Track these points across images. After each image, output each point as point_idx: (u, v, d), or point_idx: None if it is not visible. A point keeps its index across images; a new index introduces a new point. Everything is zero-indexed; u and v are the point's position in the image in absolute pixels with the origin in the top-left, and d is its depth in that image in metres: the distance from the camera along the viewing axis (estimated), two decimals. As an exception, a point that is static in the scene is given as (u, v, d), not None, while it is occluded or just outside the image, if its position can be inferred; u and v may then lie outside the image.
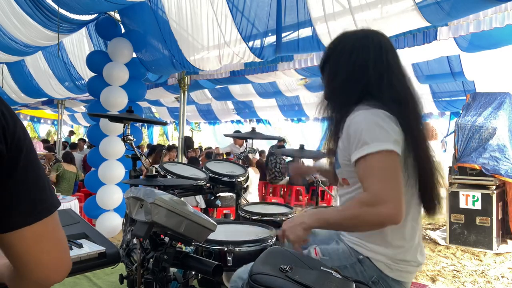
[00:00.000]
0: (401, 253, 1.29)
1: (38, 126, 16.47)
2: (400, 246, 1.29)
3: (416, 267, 1.34)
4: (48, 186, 0.68)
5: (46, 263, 0.67)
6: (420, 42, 4.03)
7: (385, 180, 1.16)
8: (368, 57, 1.32)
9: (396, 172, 1.19)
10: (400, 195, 1.14)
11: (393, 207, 1.13)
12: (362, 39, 1.37)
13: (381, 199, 1.13)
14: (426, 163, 1.31)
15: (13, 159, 0.61)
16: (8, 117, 0.62)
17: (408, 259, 1.30)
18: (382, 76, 1.31)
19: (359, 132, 1.22)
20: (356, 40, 1.37)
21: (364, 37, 1.38)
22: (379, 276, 1.30)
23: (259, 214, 2.51)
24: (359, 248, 1.33)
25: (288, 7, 3.70)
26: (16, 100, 8.32)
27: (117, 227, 4.70)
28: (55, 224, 0.69)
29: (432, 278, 3.81)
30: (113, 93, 4.74)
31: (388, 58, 1.35)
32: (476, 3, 2.96)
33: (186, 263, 1.72)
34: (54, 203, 0.68)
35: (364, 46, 1.34)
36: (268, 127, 12.38)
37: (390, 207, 1.12)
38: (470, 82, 6.69)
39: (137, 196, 1.53)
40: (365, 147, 1.19)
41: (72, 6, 3.92)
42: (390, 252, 1.29)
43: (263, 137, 3.18)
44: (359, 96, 1.32)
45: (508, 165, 4.74)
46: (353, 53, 1.34)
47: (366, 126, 1.22)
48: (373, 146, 1.18)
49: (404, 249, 1.30)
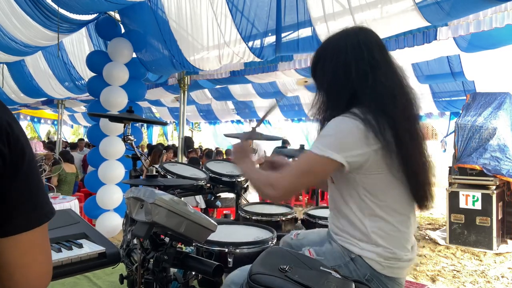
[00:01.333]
0: (389, 251, 1.30)
1: (38, 126, 16.47)
2: (387, 245, 1.30)
3: (408, 262, 1.34)
4: (46, 193, 0.68)
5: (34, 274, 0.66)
6: (420, 42, 4.03)
7: (296, 173, 1.31)
8: (349, 58, 1.31)
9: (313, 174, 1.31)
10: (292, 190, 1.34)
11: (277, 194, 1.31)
12: (342, 40, 1.36)
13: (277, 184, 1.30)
14: (418, 159, 1.30)
15: (16, 164, 0.61)
16: (13, 124, 0.63)
17: (398, 256, 1.30)
18: (367, 76, 1.29)
19: (324, 131, 1.30)
20: (337, 42, 1.37)
21: (344, 38, 1.36)
22: (372, 274, 1.30)
23: (259, 214, 2.51)
24: (350, 247, 1.33)
25: (288, 7, 3.70)
26: (16, 100, 8.32)
27: (117, 227, 4.70)
28: (46, 234, 0.69)
29: (432, 278, 3.81)
30: (113, 93, 4.74)
31: (373, 55, 1.31)
32: (476, 3, 2.96)
33: (187, 263, 1.72)
34: (52, 210, 0.68)
35: (344, 47, 1.33)
36: (268, 127, 12.38)
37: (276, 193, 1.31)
38: (470, 82, 6.69)
39: (137, 196, 1.53)
40: (314, 145, 1.28)
41: (72, 6, 3.93)
42: (379, 250, 1.29)
43: (263, 138, 3.18)
44: (348, 101, 1.31)
45: (509, 164, 4.74)
46: (335, 56, 1.34)
47: (331, 129, 1.27)
48: (320, 149, 1.25)
49: (392, 247, 1.30)
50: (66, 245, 1.47)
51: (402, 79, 1.35)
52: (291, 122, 11.79)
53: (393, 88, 1.30)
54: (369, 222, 1.30)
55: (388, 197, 1.30)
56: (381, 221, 1.30)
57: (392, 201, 1.31)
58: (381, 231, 1.30)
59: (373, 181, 1.29)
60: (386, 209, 1.30)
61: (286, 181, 1.31)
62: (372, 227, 1.30)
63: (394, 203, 1.31)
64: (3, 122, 0.61)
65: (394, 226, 1.31)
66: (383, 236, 1.30)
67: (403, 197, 1.32)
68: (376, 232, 1.30)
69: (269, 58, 4.23)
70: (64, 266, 1.38)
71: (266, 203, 3.19)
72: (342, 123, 1.26)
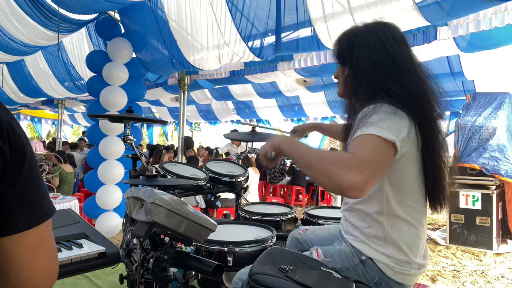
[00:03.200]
0: (404, 254, 1.27)
1: (38, 126, 16.48)
2: (402, 248, 1.28)
3: (419, 270, 1.32)
4: (46, 191, 0.69)
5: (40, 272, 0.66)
6: (420, 42, 4.03)
7: (373, 156, 1.09)
8: (387, 53, 1.29)
9: (384, 162, 1.14)
10: (374, 179, 1.08)
11: (361, 181, 1.03)
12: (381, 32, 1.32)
13: (360, 167, 1.04)
14: (436, 160, 1.29)
15: (17, 163, 0.62)
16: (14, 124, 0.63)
17: (411, 260, 1.28)
18: (403, 71, 1.28)
19: (369, 115, 1.19)
20: (376, 33, 1.32)
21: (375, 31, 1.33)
22: (382, 278, 1.28)
23: (259, 214, 2.51)
24: (362, 247, 1.31)
25: (288, 7, 3.70)
26: (16, 100, 8.32)
27: (117, 227, 4.70)
28: (51, 231, 0.69)
29: (432, 278, 3.81)
30: (113, 93, 4.74)
31: (404, 50, 1.32)
32: (476, 3, 2.96)
33: (186, 263, 1.72)
34: (52, 208, 0.69)
35: (384, 40, 1.30)
36: (268, 127, 12.37)
37: (359, 178, 1.02)
38: (470, 82, 6.69)
39: (137, 196, 1.53)
40: (371, 128, 1.14)
41: (72, 5, 3.92)
42: (393, 253, 1.27)
43: (262, 138, 3.18)
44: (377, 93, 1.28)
45: (508, 165, 4.74)
46: (372, 49, 1.29)
47: (377, 112, 1.20)
48: (379, 130, 1.12)
49: (407, 250, 1.28)
50: (66, 245, 1.47)
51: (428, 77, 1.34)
52: (291, 122, 11.79)
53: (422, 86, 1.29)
54: (387, 219, 1.27)
55: (410, 195, 1.28)
56: (399, 219, 1.28)
57: (411, 199, 1.29)
58: (398, 229, 1.28)
59: (400, 177, 1.26)
60: (405, 207, 1.28)
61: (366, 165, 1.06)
62: (389, 224, 1.27)
63: (413, 201, 1.29)
64: (4, 122, 0.61)
65: (411, 225, 1.29)
66: (398, 234, 1.28)
67: (420, 199, 1.31)
68: (392, 231, 1.27)
69: (269, 58, 4.23)
70: (64, 266, 1.39)
71: (266, 203, 3.19)
72: (383, 107, 1.21)
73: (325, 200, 7.59)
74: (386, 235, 1.28)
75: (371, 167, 1.06)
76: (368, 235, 1.31)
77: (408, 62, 1.31)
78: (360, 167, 1.04)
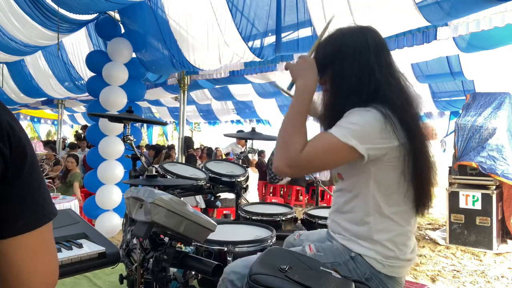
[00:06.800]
0: (391, 250, 1.30)
1: (38, 126, 16.47)
2: (389, 244, 1.30)
3: (408, 262, 1.34)
4: (48, 193, 0.68)
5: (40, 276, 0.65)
6: (419, 42, 4.03)
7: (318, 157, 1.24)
8: (373, 58, 1.31)
9: (333, 163, 1.29)
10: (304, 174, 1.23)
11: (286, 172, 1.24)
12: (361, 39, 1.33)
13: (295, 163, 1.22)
14: (424, 161, 1.31)
15: (18, 164, 0.61)
16: (14, 124, 0.62)
17: (399, 255, 1.31)
18: (388, 76, 1.31)
19: (346, 116, 1.26)
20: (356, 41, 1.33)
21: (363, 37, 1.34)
22: (372, 273, 1.30)
23: (259, 214, 2.51)
24: (350, 244, 1.34)
25: (288, 7, 3.70)
26: (16, 100, 8.32)
27: (117, 227, 4.70)
28: (52, 234, 0.68)
29: (432, 278, 3.81)
30: (113, 93, 4.74)
31: (388, 55, 1.35)
32: (476, 3, 2.96)
33: (186, 263, 1.72)
34: (53, 210, 0.68)
35: (365, 46, 1.32)
36: (268, 127, 12.37)
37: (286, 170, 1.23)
38: (470, 82, 6.69)
39: (136, 196, 1.53)
40: (336, 129, 1.23)
41: (72, 5, 3.92)
42: (381, 249, 1.30)
43: (262, 138, 3.18)
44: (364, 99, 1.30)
45: (505, 165, 4.74)
46: (357, 55, 1.31)
47: (357, 119, 1.24)
48: (345, 136, 1.21)
49: (394, 246, 1.30)
50: (66, 245, 1.47)
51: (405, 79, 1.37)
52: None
53: (402, 88, 1.33)
54: (373, 219, 1.30)
55: (396, 194, 1.31)
56: (386, 219, 1.30)
57: (397, 198, 1.31)
58: (385, 229, 1.30)
59: (386, 174, 1.29)
60: (392, 207, 1.31)
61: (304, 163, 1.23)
62: (376, 224, 1.30)
63: (399, 201, 1.31)
64: (4, 122, 0.60)
65: (398, 225, 1.31)
66: (385, 234, 1.30)
67: (407, 196, 1.32)
68: (379, 230, 1.30)
69: (269, 57, 4.24)
70: (64, 266, 1.38)
71: (266, 203, 3.19)
72: (367, 115, 1.24)
73: (325, 200, 7.59)
74: (374, 234, 1.30)
75: (307, 167, 1.27)
76: (356, 234, 1.33)
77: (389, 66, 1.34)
78: (296, 163, 1.22)
